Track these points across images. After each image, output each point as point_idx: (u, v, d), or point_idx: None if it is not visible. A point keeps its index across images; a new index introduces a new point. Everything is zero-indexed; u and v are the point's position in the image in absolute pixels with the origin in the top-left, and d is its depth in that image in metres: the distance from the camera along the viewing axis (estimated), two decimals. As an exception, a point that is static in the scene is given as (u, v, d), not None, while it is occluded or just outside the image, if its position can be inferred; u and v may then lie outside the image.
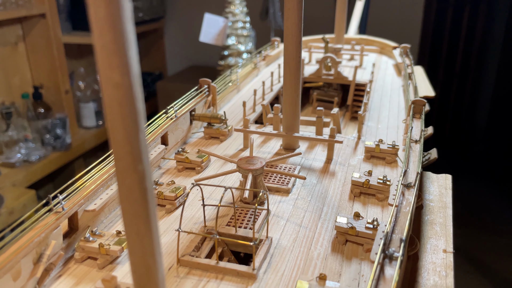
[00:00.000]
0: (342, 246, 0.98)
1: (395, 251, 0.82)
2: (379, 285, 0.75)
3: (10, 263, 0.78)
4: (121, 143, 0.54)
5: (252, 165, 1.07)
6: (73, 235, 0.96)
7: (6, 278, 0.78)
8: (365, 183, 1.15)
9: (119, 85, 0.50)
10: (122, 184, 0.56)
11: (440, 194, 1.22)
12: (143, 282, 0.62)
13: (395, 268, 0.78)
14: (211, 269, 0.89)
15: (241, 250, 1.00)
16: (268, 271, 0.90)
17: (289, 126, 1.34)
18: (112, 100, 0.51)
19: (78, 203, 0.95)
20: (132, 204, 0.57)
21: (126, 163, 0.55)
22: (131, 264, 0.62)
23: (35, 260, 0.85)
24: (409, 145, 1.18)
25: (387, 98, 1.79)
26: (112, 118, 0.53)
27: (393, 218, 0.90)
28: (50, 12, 3.02)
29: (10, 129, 2.91)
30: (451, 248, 1.01)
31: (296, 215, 1.08)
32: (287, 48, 1.25)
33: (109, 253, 0.90)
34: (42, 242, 0.86)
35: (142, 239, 0.59)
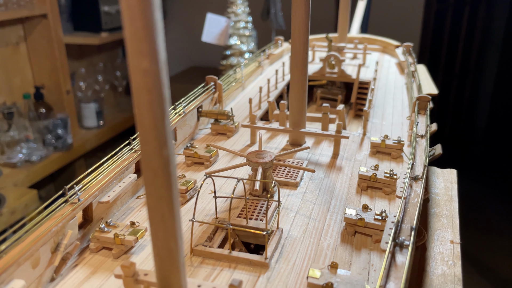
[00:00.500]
0: (351, 237, 1.00)
1: (405, 239, 0.84)
2: (390, 271, 0.77)
3: (30, 251, 0.80)
4: (148, 128, 0.56)
5: (262, 159, 1.10)
6: (87, 226, 0.98)
7: (26, 265, 0.80)
8: (372, 177, 1.17)
9: (147, 72, 0.53)
10: (147, 169, 0.59)
11: (445, 188, 1.25)
12: (165, 265, 0.64)
13: (406, 256, 0.80)
14: (224, 258, 0.92)
15: (252, 241, 1.03)
16: (280, 260, 0.92)
17: (295, 122, 1.37)
18: (141, 86, 0.54)
19: (93, 195, 0.98)
20: (157, 188, 0.60)
21: (152, 148, 0.57)
22: (154, 248, 0.64)
23: (52, 249, 0.87)
24: (415, 139, 1.21)
25: (391, 96, 1.82)
26: (140, 104, 0.55)
27: (402, 209, 0.93)
28: (52, 12, 3.04)
29: (12, 129, 2.93)
30: (458, 239, 1.04)
31: (305, 208, 1.10)
32: (294, 44, 1.27)
33: (124, 243, 0.92)
34: (59, 231, 0.88)
35: (165, 223, 0.62)
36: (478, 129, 4.26)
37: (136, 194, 1.16)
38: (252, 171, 1.12)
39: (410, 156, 1.14)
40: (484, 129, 4.20)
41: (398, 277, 0.76)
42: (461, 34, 4.05)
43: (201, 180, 1.04)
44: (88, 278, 0.87)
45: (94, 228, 0.99)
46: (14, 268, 0.77)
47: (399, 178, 1.20)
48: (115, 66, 3.94)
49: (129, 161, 1.12)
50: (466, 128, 4.27)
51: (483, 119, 4.21)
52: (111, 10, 3.44)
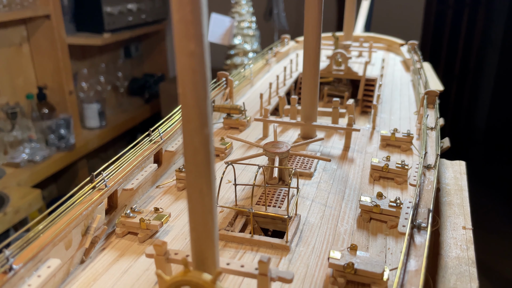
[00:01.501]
0: (367, 223, 1.05)
1: (422, 222, 0.89)
2: (410, 250, 0.82)
3: (64, 232, 0.84)
4: (191, 107, 0.60)
5: (278, 149, 1.15)
6: (112, 212, 1.02)
7: (60, 246, 0.84)
8: (384, 167, 1.22)
9: (193, 54, 0.57)
10: (189, 146, 0.63)
11: (455, 178, 1.29)
12: (201, 239, 0.69)
13: (424, 237, 0.85)
14: (246, 242, 0.96)
15: (271, 227, 1.07)
16: (300, 244, 0.97)
17: (307, 115, 1.42)
18: (186, 67, 0.58)
19: (118, 182, 1.02)
20: (197, 165, 0.64)
21: (194, 126, 0.62)
22: (191, 223, 0.68)
23: (83, 231, 0.91)
24: (425, 131, 1.26)
25: (398, 92, 1.87)
26: (184, 84, 0.60)
27: (417, 195, 0.97)
28: (55, 13, 3.07)
29: (15, 129, 2.96)
30: (470, 225, 1.09)
31: (321, 196, 1.15)
32: (307, 39, 1.32)
33: (150, 228, 0.97)
34: (89, 215, 0.92)
35: (203, 198, 0.66)
36: (478, 130, 4.31)
37: (155, 183, 1.20)
38: (269, 161, 1.16)
39: (421, 147, 1.19)
40: (484, 130, 4.26)
41: (418, 255, 0.80)
42: (461, 35, 4.11)
43: (224, 168, 1.08)
44: (116, 260, 0.91)
45: (120, 214, 1.03)
46: (50, 248, 0.81)
47: (411, 169, 1.25)
48: (117, 67, 3.98)
49: (149, 152, 1.17)
50: (466, 130, 4.32)
51: (482, 120, 4.27)
52: (113, 11, 3.48)
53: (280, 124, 1.52)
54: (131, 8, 3.64)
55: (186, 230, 1.02)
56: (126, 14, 3.61)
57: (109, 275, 0.87)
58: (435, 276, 0.93)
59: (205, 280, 0.67)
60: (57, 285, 0.84)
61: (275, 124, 1.38)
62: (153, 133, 1.22)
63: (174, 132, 1.31)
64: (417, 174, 1.15)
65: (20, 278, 0.74)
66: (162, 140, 1.23)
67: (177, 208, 1.10)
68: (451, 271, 0.94)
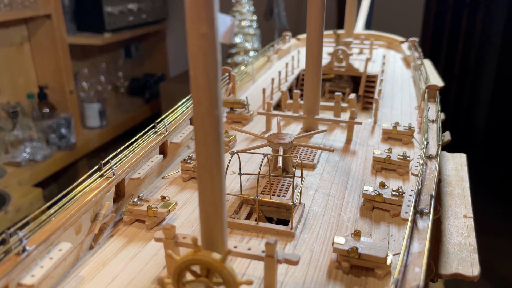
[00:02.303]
0: (370, 212, 1.07)
1: (424, 208, 0.92)
2: (413, 234, 0.84)
3: (74, 217, 0.87)
4: (202, 89, 0.63)
5: (282, 140, 1.17)
6: (120, 201, 1.04)
7: (70, 231, 0.86)
8: (386, 159, 1.24)
9: (205, 36, 0.60)
10: (200, 128, 0.66)
11: (456, 170, 1.32)
12: (211, 220, 0.71)
13: (427, 221, 0.87)
14: (252, 229, 0.99)
15: (275, 215, 1.09)
16: (304, 231, 0.99)
17: (310, 109, 1.44)
18: (198, 50, 0.61)
19: (125, 171, 1.04)
20: (207, 147, 0.67)
21: (205, 108, 0.64)
22: (201, 203, 0.71)
23: (92, 218, 0.93)
24: (427, 123, 1.29)
25: (399, 88, 1.90)
26: (196, 67, 0.62)
27: (419, 183, 1.00)
28: (56, 13, 3.10)
29: (16, 129, 2.98)
30: (471, 214, 1.11)
31: (324, 186, 1.17)
32: (310, 33, 1.35)
33: (157, 215, 0.99)
34: (98, 202, 0.95)
35: (213, 179, 0.68)
36: (477, 130, 4.34)
37: (161, 174, 1.23)
38: (273, 152, 1.19)
39: (423, 138, 1.21)
40: (483, 130, 4.29)
41: (421, 238, 0.82)
42: (460, 35, 4.15)
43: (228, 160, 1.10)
44: (124, 246, 0.94)
45: (127, 202, 1.05)
46: (61, 232, 0.83)
47: (412, 160, 1.28)
48: (117, 67, 4.01)
49: (155, 143, 1.19)
50: (465, 130, 4.35)
51: (482, 120, 4.30)
52: (114, 11, 3.51)
53: (283, 118, 1.54)
54: (132, 8, 3.67)
55: (192, 218, 1.04)
56: (127, 14, 3.64)
57: (118, 260, 0.89)
58: (437, 261, 0.96)
59: (214, 259, 0.69)
60: (67, 269, 0.86)
61: (279, 117, 1.41)
62: (158, 125, 1.25)
63: (179, 124, 1.33)
64: (419, 164, 1.18)
65: (32, 260, 0.76)
66: (167, 132, 1.26)
67: (183, 197, 1.12)
68: (452, 256, 0.96)
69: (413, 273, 0.74)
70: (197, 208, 1.08)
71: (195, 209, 1.07)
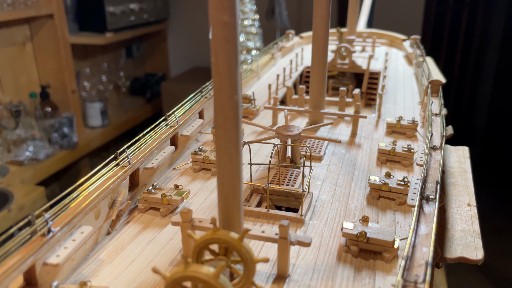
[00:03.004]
0: (376, 201, 1.12)
1: (430, 194, 0.96)
2: (420, 218, 0.89)
3: (94, 202, 0.91)
4: (223, 75, 0.67)
5: (290, 132, 1.21)
6: (134, 189, 1.09)
7: (90, 215, 0.90)
8: (391, 151, 1.29)
9: (227, 24, 0.64)
10: (220, 112, 0.70)
11: (459, 162, 1.37)
12: (229, 201, 0.75)
13: (433, 206, 0.92)
14: (263, 215, 1.03)
15: (284, 204, 1.14)
16: (313, 218, 1.04)
17: (315, 103, 1.49)
18: (220, 37, 0.65)
19: (140, 160, 1.08)
20: (226, 131, 0.71)
21: (225, 93, 0.68)
22: (219, 185, 0.75)
23: (109, 204, 0.97)
24: (431, 116, 1.33)
25: (401, 84, 1.95)
26: (217, 53, 0.66)
27: (424, 172, 1.04)
28: (58, 12, 3.14)
29: (18, 128, 3.02)
30: (474, 203, 1.15)
31: (331, 177, 1.22)
32: (316, 29, 1.39)
33: (171, 203, 1.03)
34: (115, 189, 0.99)
35: (232, 162, 0.73)
36: (477, 130, 4.39)
37: (172, 166, 1.27)
38: (281, 143, 1.23)
39: (426, 130, 1.26)
40: (483, 130, 4.34)
41: (428, 221, 0.87)
42: (460, 35, 4.20)
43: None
44: (140, 232, 0.98)
45: (141, 191, 1.09)
46: (82, 216, 0.88)
47: (416, 152, 1.32)
48: (119, 66, 4.05)
49: (166, 135, 1.24)
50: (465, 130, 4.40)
51: (481, 120, 4.35)
52: (116, 10, 3.56)
53: (289, 113, 1.58)
54: (133, 8, 3.72)
55: (204, 206, 1.08)
56: (128, 14, 3.68)
57: (135, 244, 0.94)
58: (442, 247, 1.00)
59: (233, 237, 0.73)
60: (87, 253, 0.90)
61: (286, 110, 1.45)
62: (169, 118, 1.29)
63: (189, 118, 1.38)
64: (423, 155, 1.22)
65: (57, 241, 0.80)
66: (178, 124, 1.30)
67: (194, 187, 1.16)
68: (457, 242, 1.00)
69: (421, 252, 0.78)
70: (209, 197, 1.12)
71: (207, 198, 1.11)
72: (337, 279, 0.85)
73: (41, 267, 0.77)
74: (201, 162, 1.24)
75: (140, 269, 0.86)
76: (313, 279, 0.84)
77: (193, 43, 4.44)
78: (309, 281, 0.84)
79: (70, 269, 0.85)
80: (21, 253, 0.74)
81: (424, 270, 0.71)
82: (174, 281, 0.66)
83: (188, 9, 4.35)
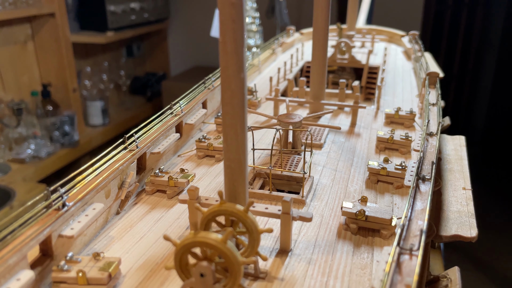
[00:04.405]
0: (374, 184, 1.17)
1: (426, 175, 1.01)
2: (416, 195, 0.94)
3: (104, 182, 0.96)
4: (230, 53, 0.72)
5: (292, 119, 1.27)
6: (141, 173, 1.14)
7: (101, 194, 0.96)
8: (389, 139, 1.34)
9: (234, 5, 0.70)
10: (226, 90, 0.75)
11: (455, 150, 1.42)
12: (235, 175, 0.80)
13: (428, 185, 0.97)
14: (265, 197, 1.08)
15: (286, 188, 1.19)
16: (314, 199, 1.09)
17: (316, 94, 1.54)
18: (227, 17, 0.71)
19: (146, 145, 1.14)
20: (233, 107, 0.76)
21: (232, 71, 0.74)
22: (225, 160, 0.80)
23: (119, 185, 1.03)
24: (427, 105, 1.39)
25: (400, 78, 2.01)
26: (225, 33, 0.72)
27: (421, 156, 1.10)
28: (59, 11, 3.20)
29: (20, 126, 3.07)
30: (469, 187, 1.21)
31: (331, 163, 1.27)
32: (317, 21, 1.45)
33: (177, 185, 1.08)
34: (124, 171, 1.04)
35: (237, 137, 0.78)
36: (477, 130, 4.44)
37: (176, 153, 1.32)
38: (283, 131, 1.28)
39: (424, 118, 1.31)
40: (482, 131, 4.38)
41: (423, 198, 0.92)
42: (460, 35, 4.25)
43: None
44: (148, 212, 1.03)
45: (148, 175, 1.15)
46: (94, 194, 0.93)
47: (414, 141, 1.37)
48: (119, 65, 4.11)
49: (172, 122, 1.29)
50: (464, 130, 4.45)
51: (481, 119, 4.40)
52: (117, 9, 3.61)
53: (290, 104, 1.64)
54: (134, 7, 3.78)
55: (209, 189, 1.13)
56: (129, 13, 3.74)
57: (143, 223, 0.99)
58: (438, 226, 1.05)
59: (238, 209, 0.79)
60: (98, 230, 0.95)
61: (287, 99, 1.50)
62: (174, 106, 1.34)
63: (193, 107, 1.43)
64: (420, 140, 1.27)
65: (71, 215, 0.86)
66: (182, 113, 1.35)
67: (199, 172, 1.22)
68: (452, 221, 1.06)
69: (417, 225, 0.83)
70: (213, 180, 1.17)
71: (211, 181, 1.17)
72: (337, 254, 0.90)
73: (57, 238, 0.82)
74: (205, 149, 1.29)
75: (149, 245, 0.91)
76: (314, 253, 0.89)
77: (193, 42, 4.50)
78: (311, 255, 0.89)
79: (83, 244, 0.90)
80: (38, 224, 0.79)
81: (419, 238, 0.76)
82: (184, 247, 0.71)
83: (189, 8, 4.41)
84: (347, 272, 0.84)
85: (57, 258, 0.82)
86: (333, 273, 0.84)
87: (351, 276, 0.83)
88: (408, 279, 0.68)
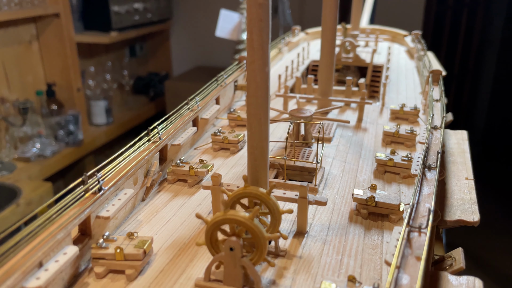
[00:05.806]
0: (382, 175, 1.26)
1: (432, 164, 1.10)
2: (423, 181, 1.03)
3: (132, 170, 1.05)
4: (256, 49, 0.82)
5: (303, 114, 1.36)
6: (163, 164, 1.23)
7: (130, 181, 1.05)
8: (395, 132, 1.44)
9: (261, 5, 0.79)
10: (252, 82, 0.84)
11: (458, 143, 1.52)
12: (258, 162, 0.89)
13: (434, 173, 1.06)
14: (280, 186, 1.17)
15: (298, 179, 1.28)
16: (326, 188, 1.18)
17: (324, 91, 1.63)
18: (255, 16, 0.80)
19: (168, 138, 1.23)
20: (257, 98, 0.85)
21: (258, 65, 0.83)
22: (249, 148, 0.89)
23: (145, 173, 1.12)
24: (431, 101, 1.48)
25: (403, 76, 2.10)
26: (252, 30, 0.81)
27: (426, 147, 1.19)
28: (64, 11, 3.28)
29: (25, 125, 3.15)
30: (472, 177, 1.30)
31: (340, 155, 1.36)
32: (325, 19, 1.54)
33: (198, 174, 1.18)
34: (149, 160, 1.13)
35: (261, 126, 0.87)
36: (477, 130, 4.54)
37: (193, 146, 1.41)
38: (294, 125, 1.38)
39: (428, 114, 1.41)
40: (482, 131, 4.48)
41: (430, 184, 1.01)
42: (460, 35, 4.36)
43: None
44: (172, 199, 1.12)
45: (170, 164, 1.24)
46: (124, 181, 1.02)
47: (419, 135, 1.47)
48: (122, 65, 4.20)
49: (189, 117, 1.38)
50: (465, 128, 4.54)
51: (482, 119, 4.50)
52: (120, 10, 3.70)
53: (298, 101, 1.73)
54: (138, 7, 3.87)
55: (226, 179, 1.22)
56: (133, 13, 3.83)
57: (168, 208, 1.08)
58: (442, 212, 1.15)
59: (262, 192, 0.88)
60: (127, 214, 1.04)
61: (298, 96, 1.60)
62: (191, 102, 1.43)
63: (207, 103, 1.52)
64: (425, 133, 1.37)
65: (106, 199, 0.95)
66: (198, 108, 1.44)
67: (216, 163, 1.31)
68: (456, 208, 1.15)
69: (424, 207, 0.92)
70: (230, 171, 1.26)
71: (228, 172, 1.26)
72: (350, 235, 0.99)
73: (94, 219, 0.91)
74: (221, 142, 1.38)
75: (176, 227, 1.00)
76: (329, 235, 0.99)
77: (195, 42, 4.60)
78: (325, 237, 0.98)
79: (114, 227, 0.99)
80: (78, 206, 0.88)
81: (427, 217, 0.85)
82: (215, 223, 0.81)
83: (191, 9, 4.51)
84: (359, 251, 0.93)
85: (94, 237, 0.91)
86: (346, 252, 0.93)
87: (364, 255, 0.92)
88: (418, 251, 0.77)
